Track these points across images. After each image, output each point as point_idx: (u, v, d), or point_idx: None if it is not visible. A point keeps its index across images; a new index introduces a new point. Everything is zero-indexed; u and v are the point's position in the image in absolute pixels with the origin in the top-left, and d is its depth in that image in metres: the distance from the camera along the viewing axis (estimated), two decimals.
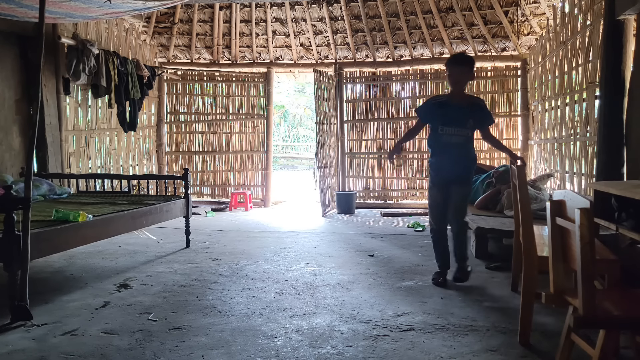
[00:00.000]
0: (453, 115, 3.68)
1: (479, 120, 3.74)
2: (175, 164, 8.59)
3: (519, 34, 7.29)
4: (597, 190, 3.21)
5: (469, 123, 3.68)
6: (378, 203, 8.23)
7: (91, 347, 2.60)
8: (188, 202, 5.05)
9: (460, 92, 3.76)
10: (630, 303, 2.05)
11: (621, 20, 3.89)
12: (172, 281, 3.81)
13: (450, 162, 3.75)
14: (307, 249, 5.02)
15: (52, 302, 3.30)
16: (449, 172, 3.76)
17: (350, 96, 8.32)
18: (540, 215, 3.94)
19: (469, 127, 3.69)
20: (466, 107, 3.70)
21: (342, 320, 3.00)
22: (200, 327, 2.87)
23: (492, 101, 7.84)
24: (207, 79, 8.58)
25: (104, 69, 6.10)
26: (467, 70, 3.68)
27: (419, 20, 7.57)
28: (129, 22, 7.22)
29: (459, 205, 3.77)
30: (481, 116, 3.74)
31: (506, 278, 3.82)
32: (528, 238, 2.70)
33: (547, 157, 6.38)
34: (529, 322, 2.66)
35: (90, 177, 5.63)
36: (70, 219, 3.52)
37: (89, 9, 4.22)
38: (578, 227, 1.76)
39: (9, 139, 5.33)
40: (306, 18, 7.94)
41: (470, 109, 3.71)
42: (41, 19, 3.16)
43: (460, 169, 3.74)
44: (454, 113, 3.68)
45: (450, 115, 3.68)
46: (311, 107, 18.85)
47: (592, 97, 4.67)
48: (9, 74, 5.33)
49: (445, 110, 3.71)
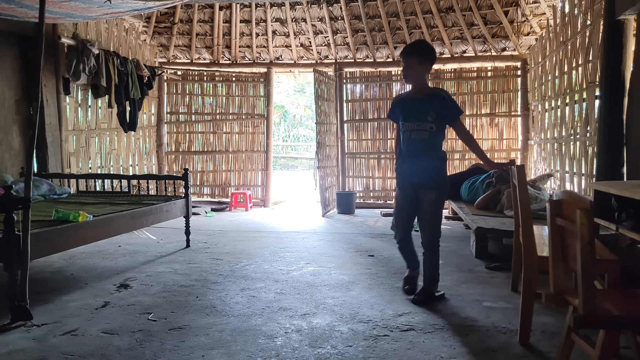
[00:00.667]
0: (412, 109, 3.37)
1: (441, 113, 3.31)
2: (175, 164, 8.59)
3: (519, 34, 7.29)
4: (597, 190, 3.21)
5: (429, 116, 3.29)
6: (378, 203, 8.23)
7: (91, 347, 2.60)
8: (188, 202, 5.05)
9: (418, 85, 3.40)
10: (630, 303, 2.05)
11: (621, 20, 3.89)
12: (172, 281, 3.81)
13: (412, 160, 3.41)
14: (307, 249, 5.02)
15: (52, 302, 3.30)
16: (411, 172, 3.42)
17: (350, 96, 8.32)
18: (540, 215, 3.95)
19: (431, 120, 3.29)
20: (426, 100, 3.35)
21: (342, 320, 3.00)
22: (200, 327, 2.87)
23: (492, 101, 7.85)
24: (207, 79, 8.58)
25: (104, 69, 6.10)
26: (415, 62, 3.32)
27: (419, 20, 7.57)
28: (129, 22, 7.22)
29: (427, 214, 3.39)
30: (442, 108, 3.32)
31: (506, 278, 3.82)
32: (528, 238, 2.70)
33: (547, 157, 6.38)
34: (529, 322, 2.66)
35: (90, 177, 5.63)
36: (70, 219, 3.52)
37: (89, 9, 4.22)
38: (578, 227, 1.76)
39: (9, 139, 5.33)
40: (306, 18, 7.94)
41: (430, 101, 3.33)
42: (41, 19, 3.16)
43: (424, 169, 3.37)
44: (413, 107, 3.37)
45: (409, 109, 3.39)
46: (311, 107, 18.86)
47: (592, 97, 4.67)
48: (9, 74, 5.33)
49: (405, 105, 3.44)
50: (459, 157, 7.99)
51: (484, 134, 7.90)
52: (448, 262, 4.43)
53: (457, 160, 7.99)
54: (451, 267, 4.26)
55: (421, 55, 3.34)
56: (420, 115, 3.32)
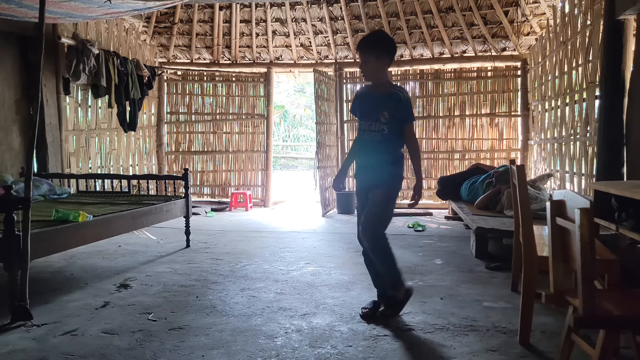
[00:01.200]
0: (367, 107, 3.07)
1: (394, 115, 2.96)
2: (175, 164, 8.59)
3: (519, 34, 7.29)
4: (597, 190, 3.21)
5: (382, 116, 2.96)
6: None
7: (91, 347, 2.60)
8: (188, 202, 5.05)
9: (377, 81, 3.08)
10: (630, 303, 2.05)
11: (621, 20, 3.89)
12: (172, 281, 3.81)
13: (363, 162, 3.13)
14: (307, 249, 5.02)
15: (52, 302, 3.30)
16: (363, 176, 3.12)
17: (350, 96, 8.32)
18: (540, 215, 3.94)
19: (383, 121, 2.96)
20: (382, 98, 3.00)
21: (342, 320, 3.00)
22: (200, 327, 2.87)
23: (492, 101, 7.85)
24: (207, 79, 8.58)
25: (104, 69, 6.10)
26: (372, 57, 2.98)
27: (419, 20, 7.57)
28: (129, 22, 7.22)
29: (367, 214, 3.00)
30: (397, 109, 2.96)
31: (506, 278, 3.82)
32: (528, 238, 2.70)
33: (547, 157, 6.38)
34: (529, 322, 2.66)
35: (90, 177, 5.63)
36: (70, 219, 3.52)
37: (89, 9, 4.22)
38: (578, 227, 1.76)
39: (9, 139, 5.33)
40: (306, 18, 7.94)
41: (385, 100, 2.98)
42: (41, 19, 3.16)
43: (374, 174, 3.04)
44: (369, 104, 3.07)
45: (364, 107, 3.10)
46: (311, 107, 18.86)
47: (592, 97, 4.67)
48: (9, 74, 5.33)
49: (362, 102, 3.14)
50: (459, 157, 7.99)
51: (484, 134, 7.90)
52: (448, 262, 4.43)
53: (457, 161, 7.99)
54: (451, 267, 4.26)
55: (378, 49, 2.99)
56: (373, 114, 3.00)
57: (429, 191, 8.01)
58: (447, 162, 8.03)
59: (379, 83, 3.07)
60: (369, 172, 3.07)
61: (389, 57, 3.01)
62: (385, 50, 3.00)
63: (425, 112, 8.07)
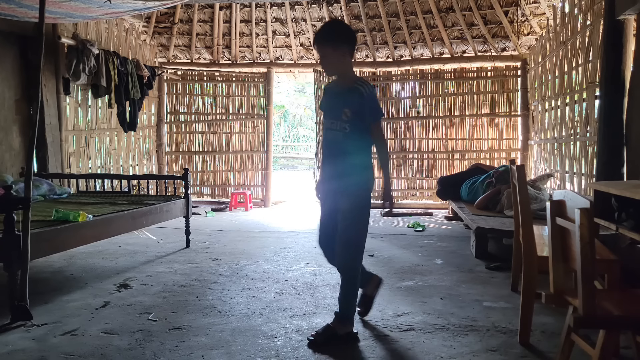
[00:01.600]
0: (331, 103, 2.84)
1: (356, 111, 2.70)
2: (175, 164, 8.59)
3: (519, 34, 7.29)
4: (597, 190, 3.21)
5: (344, 114, 2.70)
6: (378, 203, 8.18)
7: (91, 347, 2.60)
8: (188, 202, 5.05)
9: (340, 75, 2.82)
10: (630, 303, 2.05)
11: (621, 20, 3.89)
12: (172, 281, 3.81)
13: (327, 164, 2.88)
14: (307, 249, 5.02)
15: (52, 302, 3.30)
16: (326, 177, 2.87)
17: None
18: (540, 215, 3.95)
19: (345, 119, 2.70)
20: (344, 93, 2.76)
21: None
22: (200, 327, 2.87)
23: (492, 101, 7.84)
24: (207, 79, 8.58)
25: (104, 69, 6.09)
26: (329, 50, 2.71)
27: (419, 20, 7.57)
28: (129, 22, 7.22)
29: (340, 229, 2.73)
30: (359, 105, 2.69)
31: (506, 278, 3.82)
32: (528, 238, 2.70)
33: (547, 157, 6.38)
34: (529, 322, 2.66)
35: (90, 177, 5.63)
36: (70, 219, 3.52)
37: (89, 9, 4.22)
38: (578, 227, 1.76)
39: (9, 139, 5.33)
40: (306, 18, 7.94)
41: (347, 95, 2.73)
42: (41, 19, 3.16)
43: (338, 176, 2.78)
44: (331, 100, 2.84)
45: (328, 102, 2.87)
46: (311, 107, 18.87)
47: (592, 97, 4.67)
48: (9, 74, 5.33)
49: (326, 97, 2.91)
50: (459, 157, 7.98)
51: (484, 134, 7.90)
52: (448, 262, 4.43)
53: (457, 161, 7.99)
54: (451, 267, 4.26)
55: (334, 39, 2.71)
56: (335, 111, 2.76)
57: (429, 191, 8.01)
58: (447, 162, 8.03)
59: (342, 77, 2.82)
60: (333, 174, 2.82)
61: (348, 47, 2.73)
62: (343, 40, 2.72)
63: (425, 112, 8.07)
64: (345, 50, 2.73)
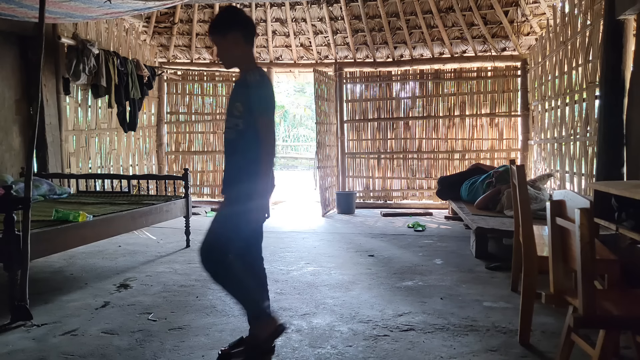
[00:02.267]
0: (230, 99, 2.53)
1: (246, 106, 2.39)
2: (175, 164, 8.59)
3: (519, 34, 7.29)
4: (597, 190, 3.21)
5: (236, 109, 2.43)
6: (378, 203, 8.23)
7: (91, 347, 2.60)
8: (188, 202, 5.05)
9: (240, 66, 2.50)
10: (630, 303, 2.05)
11: (621, 20, 3.89)
12: (172, 281, 3.81)
13: (225, 165, 2.59)
14: (307, 249, 5.02)
15: (52, 302, 3.30)
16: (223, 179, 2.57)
17: (350, 96, 8.32)
18: (540, 215, 3.94)
19: (237, 115, 2.42)
20: (238, 86, 2.51)
21: (342, 320, 3.00)
22: (200, 327, 2.87)
23: (492, 101, 7.84)
24: (207, 79, 8.58)
25: (104, 69, 6.10)
26: (219, 38, 2.43)
27: (419, 20, 7.57)
28: (129, 22, 7.22)
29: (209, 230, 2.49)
30: (247, 98, 2.39)
31: (506, 278, 3.82)
32: (528, 238, 2.70)
33: (547, 157, 6.38)
34: (529, 322, 2.66)
35: (90, 177, 5.63)
36: (70, 219, 3.53)
37: (89, 9, 4.22)
38: (578, 227, 1.76)
39: (9, 139, 5.33)
40: (306, 18, 7.94)
41: (239, 88, 2.48)
42: (41, 19, 3.16)
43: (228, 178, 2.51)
44: (231, 96, 2.54)
45: (230, 99, 2.55)
46: (311, 107, 18.84)
47: (592, 97, 4.67)
48: (9, 74, 5.34)
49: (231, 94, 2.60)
50: (459, 157, 7.98)
51: (484, 134, 7.90)
52: (448, 262, 4.43)
53: (457, 161, 7.99)
54: (451, 267, 4.26)
55: (225, 26, 2.42)
56: (229, 107, 2.49)
57: (429, 191, 8.01)
58: (447, 162, 8.03)
59: (242, 68, 2.50)
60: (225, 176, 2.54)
61: (242, 34, 2.43)
62: (235, 26, 2.42)
63: (425, 112, 8.07)
64: (238, 37, 2.42)
